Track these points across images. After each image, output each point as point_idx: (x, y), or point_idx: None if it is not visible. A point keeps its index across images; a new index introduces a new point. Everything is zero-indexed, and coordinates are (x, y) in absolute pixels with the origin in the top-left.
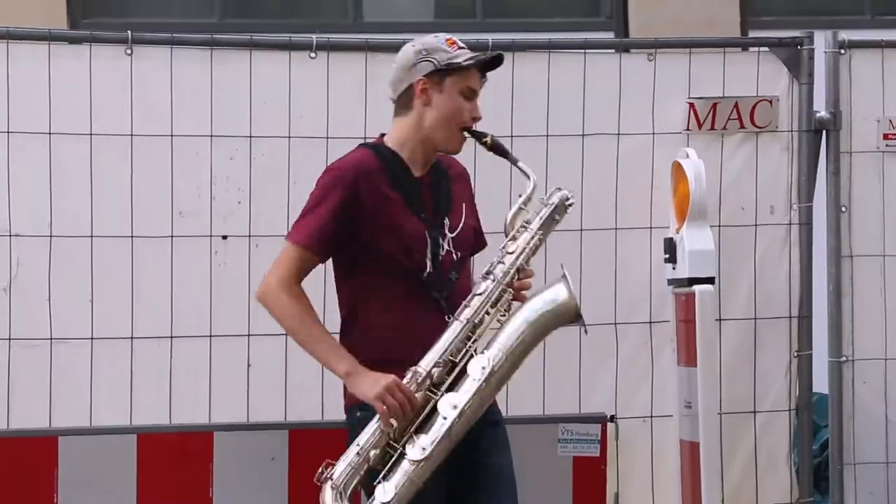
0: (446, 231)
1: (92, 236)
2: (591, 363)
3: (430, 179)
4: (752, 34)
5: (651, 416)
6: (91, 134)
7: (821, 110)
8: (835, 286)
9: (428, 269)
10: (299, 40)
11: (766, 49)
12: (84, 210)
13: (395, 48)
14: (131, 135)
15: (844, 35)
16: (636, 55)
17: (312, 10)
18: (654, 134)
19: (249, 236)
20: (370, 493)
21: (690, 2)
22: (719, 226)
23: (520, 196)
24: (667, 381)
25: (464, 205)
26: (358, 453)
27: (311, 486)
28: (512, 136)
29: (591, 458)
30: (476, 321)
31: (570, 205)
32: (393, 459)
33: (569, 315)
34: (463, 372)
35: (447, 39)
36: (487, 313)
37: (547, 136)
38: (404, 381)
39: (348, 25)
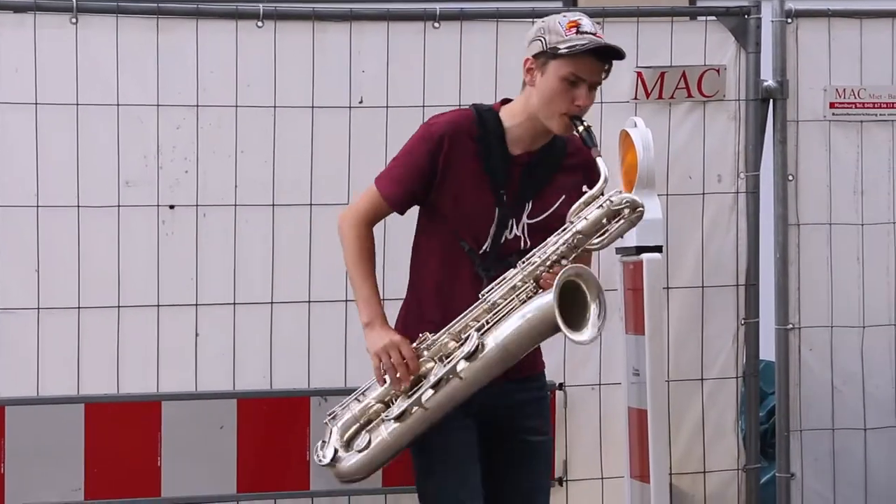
0: (524, 215)
1: (38, 206)
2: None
3: (528, 159)
4: (700, 3)
5: (599, 384)
6: (36, 103)
7: (768, 79)
8: (781, 254)
9: (485, 247)
10: (246, 9)
11: (714, 18)
12: (30, 180)
13: (341, 17)
14: (77, 104)
15: (791, 4)
16: None
17: None
18: (601, 103)
19: (197, 206)
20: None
21: None
22: (667, 194)
23: (586, 191)
24: (615, 349)
25: (564, 196)
26: (358, 399)
27: (259, 455)
28: (460, 105)
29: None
30: (493, 303)
31: (629, 208)
32: (382, 415)
33: (551, 323)
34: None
35: (569, 22)
36: (504, 298)
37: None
38: (414, 344)
39: None
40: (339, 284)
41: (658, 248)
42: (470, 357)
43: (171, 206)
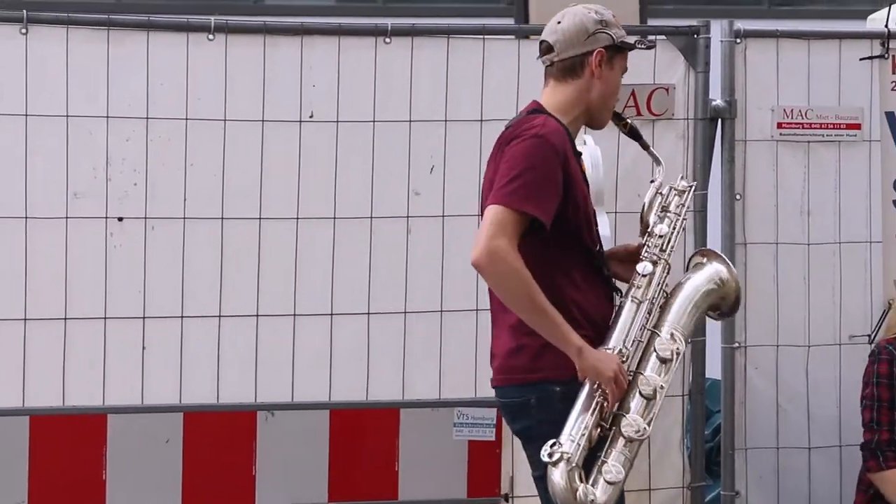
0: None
1: None
2: (487, 347)
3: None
4: (652, 22)
5: None
6: None
7: (716, 99)
8: None
9: (598, 247)
10: (197, 22)
11: (664, 37)
12: None
13: (293, 31)
14: (26, 115)
15: (740, 25)
16: (535, 41)
17: None
18: None
19: (145, 218)
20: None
21: None
22: (616, 212)
23: (651, 181)
24: None
25: None
26: (583, 434)
27: (205, 469)
28: (410, 121)
29: (486, 443)
30: (652, 300)
31: (691, 188)
32: (609, 438)
33: (729, 297)
34: (647, 352)
35: (614, 16)
36: (657, 293)
37: (445, 121)
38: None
39: (249, 7)
40: (288, 298)
41: None
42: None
43: (120, 219)
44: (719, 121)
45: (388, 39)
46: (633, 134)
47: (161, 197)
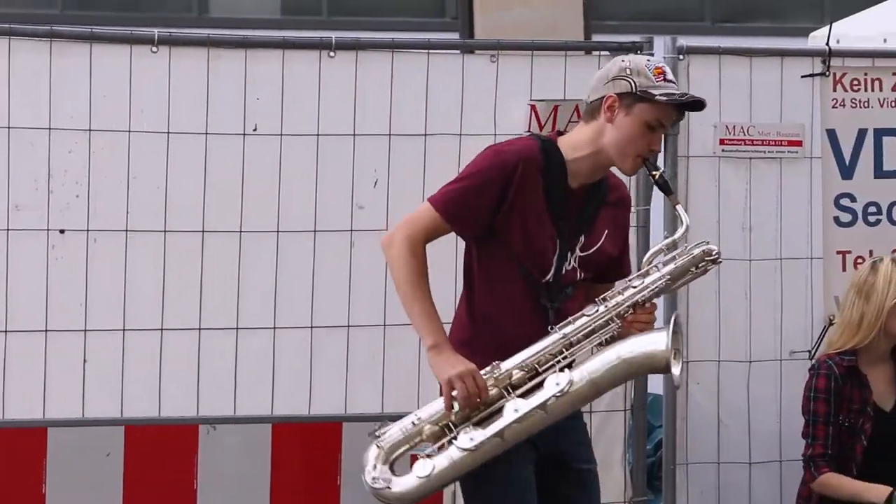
0: (577, 248)
1: None
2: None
3: (583, 194)
4: (596, 38)
5: None
6: None
7: None
8: None
9: (548, 277)
10: (140, 34)
11: (607, 53)
12: None
13: (236, 44)
14: None
15: (683, 41)
16: (479, 56)
17: (156, 3)
18: (495, 135)
19: (87, 230)
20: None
21: (535, 5)
22: None
23: (666, 236)
24: None
25: (607, 231)
26: (414, 423)
27: (145, 483)
28: (354, 135)
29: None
30: (573, 339)
31: (713, 260)
32: (444, 441)
33: (659, 365)
34: (541, 383)
35: (657, 68)
36: (587, 336)
37: (390, 135)
38: (483, 371)
39: (193, 20)
40: (231, 312)
41: None
42: (560, 395)
43: (62, 231)
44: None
45: (332, 53)
46: (664, 187)
47: (103, 209)
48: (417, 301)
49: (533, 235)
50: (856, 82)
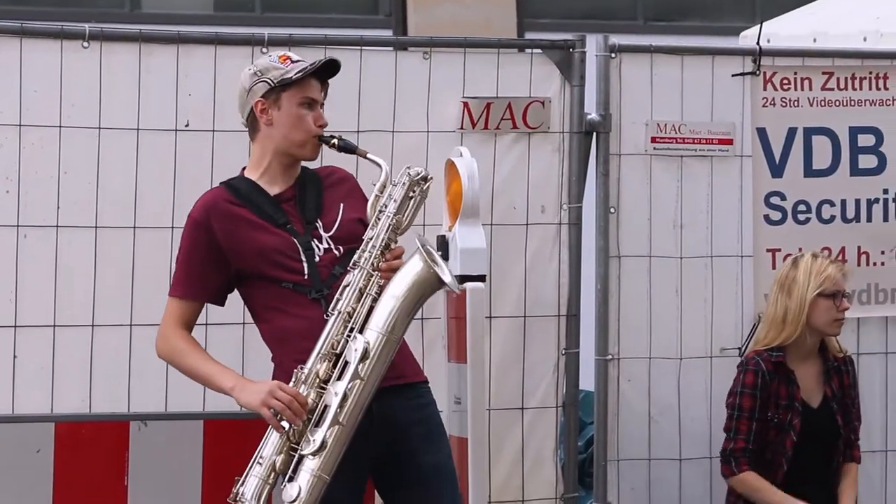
0: (321, 232)
1: None
2: None
3: (292, 193)
4: (529, 36)
5: None
6: None
7: (591, 112)
8: (602, 286)
9: (306, 273)
10: (72, 29)
11: (540, 51)
12: None
13: (169, 39)
14: None
15: (615, 39)
16: (412, 53)
17: None
18: (428, 132)
19: (18, 226)
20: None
21: (468, 3)
22: (491, 224)
23: (373, 184)
24: (438, 376)
25: (341, 204)
26: (260, 463)
27: (76, 479)
28: None
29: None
30: (349, 310)
31: (422, 178)
32: (295, 461)
33: (432, 284)
34: (346, 362)
35: (280, 56)
36: (358, 299)
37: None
38: (290, 383)
39: (125, 15)
40: (161, 307)
41: (481, 278)
42: (364, 357)
43: None
44: (594, 134)
45: (265, 49)
46: (347, 149)
47: (34, 205)
48: (194, 366)
49: (266, 250)
50: (786, 81)
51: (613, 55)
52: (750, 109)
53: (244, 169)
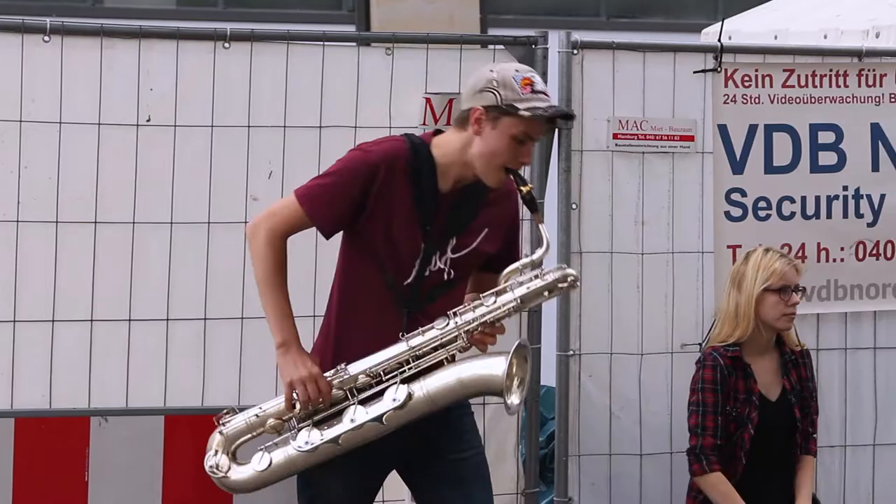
0: (448, 250)
1: None
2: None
3: (455, 198)
4: (492, 32)
5: None
6: None
7: None
8: None
9: (409, 281)
10: (33, 23)
11: (502, 47)
12: None
13: (130, 34)
14: None
15: (577, 36)
16: (375, 49)
17: None
18: (391, 128)
19: None
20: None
21: None
22: None
23: (526, 255)
24: None
25: (487, 230)
26: (257, 415)
27: (37, 475)
28: (249, 126)
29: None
30: (420, 352)
31: (570, 284)
32: (283, 437)
33: (494, 389)
34: (383, 392)
35: (524, 79)
36: (434, 350)
37: (284, 126)
38: (329, 373)
39: (86, 9)
40: (123, 303)
41: None
42: (399, 408)
43: None
44: (556, 130)
45: (227, 44)
46: (530, 204)
47: None
48: (270, 297)
49: (396, 239)
50: (747, 78)
51: (576, 52)
52: (711, 106)
53: (436, 133)
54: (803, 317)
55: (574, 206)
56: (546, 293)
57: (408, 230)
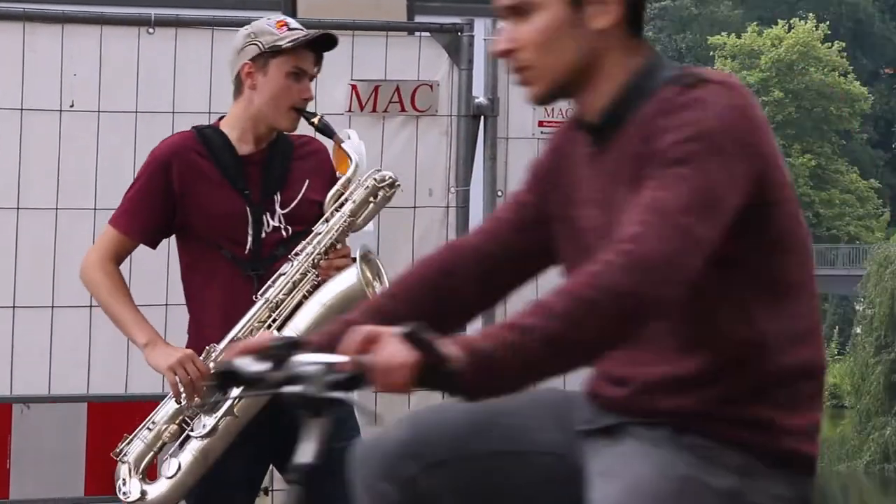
0: (276, 207)
1: None
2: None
3: (261, 157)
4: (419, 19)
5: None
6: None
7: (479, 96)
8: None
9: (248, 247)
10: None
11: (428, 35)
12: None
13: (53, 19)
14: None
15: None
16: None
17: None
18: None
19: None
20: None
21: None
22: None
23: (339, 177)
24: None
25: (306, 181)
26: (149, 428)
27: None
28: (174, 112)
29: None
30: (277, 300)
31: (388, 184)
32: (183, 437)
33: (357, 294)
34: None
35: (278, 22)
36: (289, 293)
37: (209, 112)
38: (202, 356)
39: None
40: (46, 290)
41: None
42: None
43: None
44: (482, 118)
45: (151, 30)
46: (324, 130)
47: None
48: (117, 311)
49: (219, 213)
50: None
51: None
52: None
53: (221, 119)
54: None
55: (500, 194)
56: (371, 199)
57: (227, 201)
